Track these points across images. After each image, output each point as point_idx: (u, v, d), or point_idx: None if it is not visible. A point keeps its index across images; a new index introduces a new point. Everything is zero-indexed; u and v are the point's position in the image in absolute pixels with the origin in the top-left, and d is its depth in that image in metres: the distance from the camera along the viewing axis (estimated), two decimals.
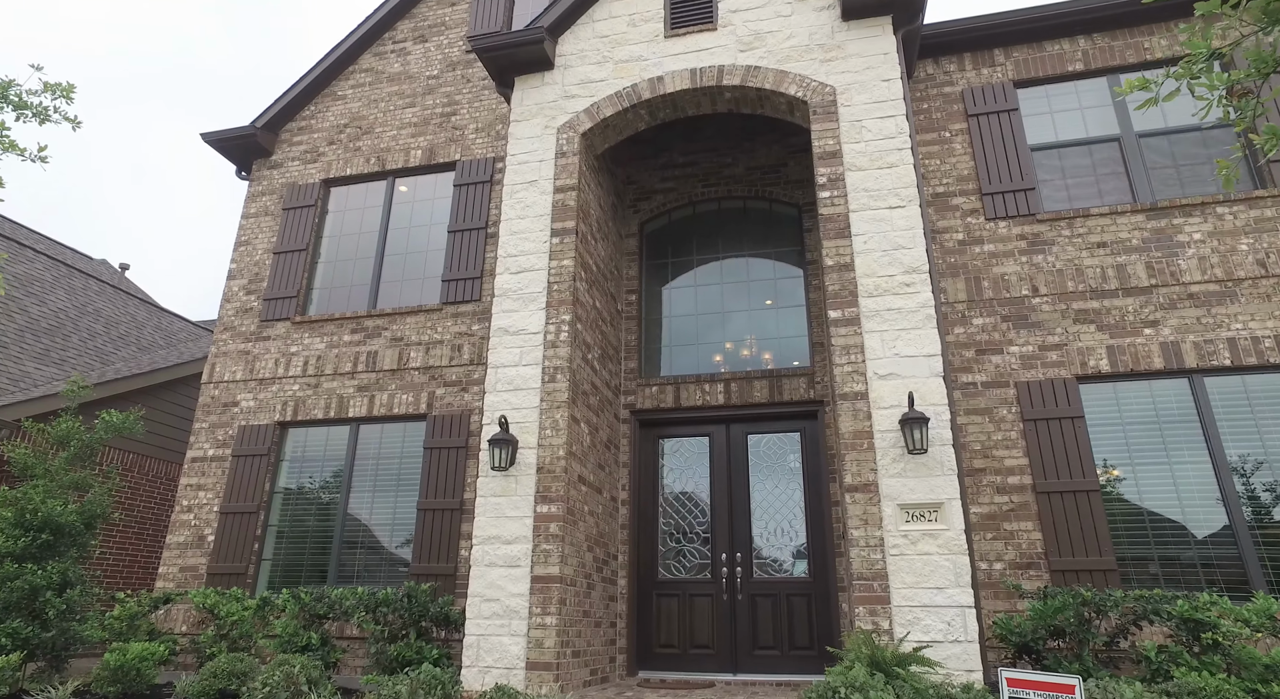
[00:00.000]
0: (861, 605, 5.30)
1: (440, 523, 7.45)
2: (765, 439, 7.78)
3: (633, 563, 7.46)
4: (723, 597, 7.28)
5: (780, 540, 7.36)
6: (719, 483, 7.67)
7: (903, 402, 5.73)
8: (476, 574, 6.01)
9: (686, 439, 7.97)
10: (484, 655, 5.77)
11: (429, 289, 8.65)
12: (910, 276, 6.09)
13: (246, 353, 8.80)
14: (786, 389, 7.64)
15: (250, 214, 9.60)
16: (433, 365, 8.11)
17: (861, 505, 5.54)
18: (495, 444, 6.15)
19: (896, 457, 5.60)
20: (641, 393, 8.00)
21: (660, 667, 7.21)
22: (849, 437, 5.74)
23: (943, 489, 5.45)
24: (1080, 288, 6.78)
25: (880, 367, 5.88)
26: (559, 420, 6.34)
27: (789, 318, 8.12)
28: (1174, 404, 6.37)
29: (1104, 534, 6.07)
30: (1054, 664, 5.02)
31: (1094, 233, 6.94)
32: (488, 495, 6.25)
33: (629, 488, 7.68)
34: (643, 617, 7.40)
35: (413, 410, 7.97)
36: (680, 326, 8.39)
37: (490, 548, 6.07)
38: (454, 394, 7.94)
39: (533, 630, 5.76)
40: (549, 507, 6.09)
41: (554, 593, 5.82)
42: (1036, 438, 6.45)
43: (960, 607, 5.15)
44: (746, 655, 7.07)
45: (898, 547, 5.38)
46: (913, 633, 5.14)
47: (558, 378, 6.49)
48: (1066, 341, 6.67)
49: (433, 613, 6.12)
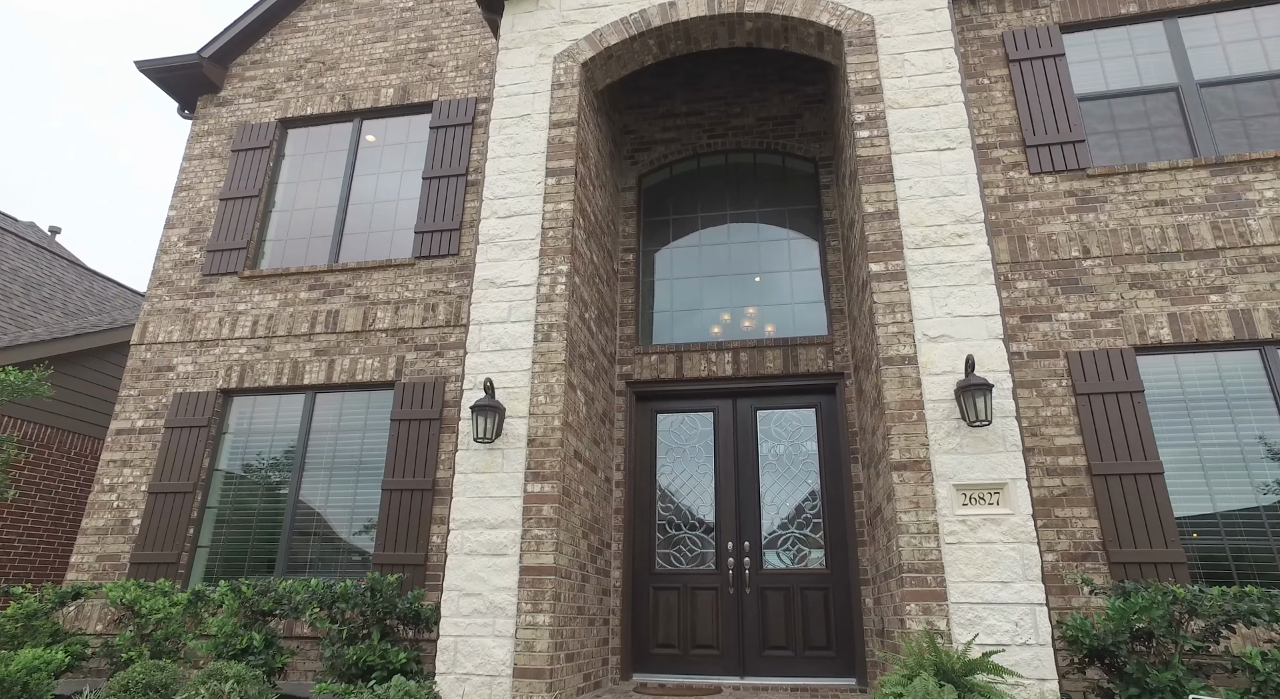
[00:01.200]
0: (913, 602, 4.52)
1: (409, 506, 6.50)
2: (777, 415, 6.97)
3: (628, 552, 6.60)
4: (728, 590, 6.47)
5: (793, 528, 6.56)
6: (724, 463, 6.84)
7: (957, 367, 4.96)
8: (454, 564, 5.10)
9: (689, 414, 7.12)
10: (462, 660, 4.86)
11: (400, 242, 7.64)
12: (963, 227, 5.31)
13: (185, 311, 7.69)
14: (802, 360, 6.84)
15: (194, 156, 8.45)
16: (403, 327, 7.12)
17: (911, 486, 4.75)
18: (479, 412, 5.22)
19: (951, 430, 4.83)
20: (639, 362, 7.13)
21: (658, 669, 6.37)
22: (895, 406, 4.95)
23: (1006, 468, 4.69)
24: (1137, 250, 6.08)
25: (930, 327, 5.09)
26: (554, 386, 5.44)
27: (804, 282, 7.31)
28: (1243, 379, 5.71)
29: (1169, 523, 5.38)
30: (1137, 672, 4.29)
31: (1151, 190, 6.24)
32: (469, 472, 5.33)
33: (624, 468, 6.81)
34: (638, 613, 6.55)
35: (379, 377, 6.98)
36: (682, 290, 7.52)
37: (471, 533, 5.15)
38: (427, 359, 6.98)
39: (521, 630, 4.87)
40: (542, 485, 5.19)
41: (547, 586, 4.94)
42: (1091, 414, 5.74)
43: (1029, 604, 4.40)
44: (755, 656, 6.27)
45: (954, 534, 4.60)
46: (975, 634, 4.38)
47: (553, 336, 5.58)
48: (1122, 309, 5.97)
49: (400, 609, 5.18)
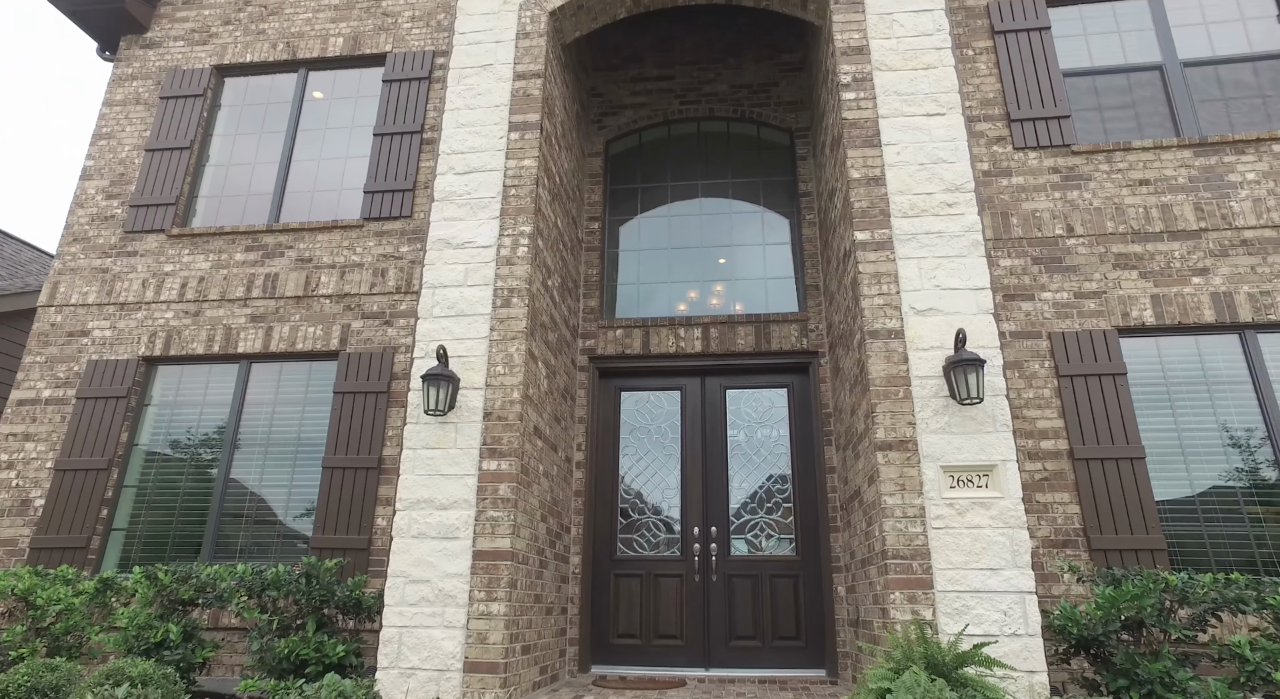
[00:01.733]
0: (897, 590, 4.24)
1: (352, 486, 5.99)
2: (747, 395, 6.65)
3: (588, 537, 6.21)
4: (694, 577, 6.14)
5: (763, 513, 6.26)
6: (691, 445, 6.50)
7: (945, 342, 4.68)
8: (400, 548, 4.64)
9: (655, 393, 6.75)
10: (407, 654, 4.41)
11: (348, 202, 7.07)
12: (952, 195, 5.04)
13: (104, 271, 7.00)
14: (775, 337, 6.52)
15: (116, 102, 7.70)
16: (349, 293, 6.57)
17: (897, 467, 4.47)
18: (431, 381, 4.76)
19: (939, 408, 4.55)
20: (603, 337, 6.72)
21: (619, 661, 6.01)
22: (881, 383, 4.65)
23: (996, 449, 4.44)
24: (1121, 229, 5.91)
25: (918, 300, 4.81)
26: (514, 355, 5.00)
27: (778, 256, 6.99)
28: (1222, 363, 5.59)
29: (1150, 509, 5.22)
30: (1126, 663, 4.09)
31: (1135, 169, 6.08)
32: (418, 448, 4.86)
33: (586, 448, 6.41)
34: (599, 602, 6.17)
35: (321, 346, 6.43)
36: (650, 262, 7.13)
37: (419, 514, 4.70)
38: (375, 328, 6.45)
39: (474, 621, 4.45)
40: (499, 463, 4.76)
41: (503, 573, 4.52)
42: (1074, 397, 5.55)
43: (1019, 592, 4.16)
44: (721, 647, 5.96)
45: (941, 518, 4.33)
46: (961, 625, 4.12)
47: (513, 302, 5.14)
48: (1106, 289, 5.79)
49: (339, 597, 4.71)
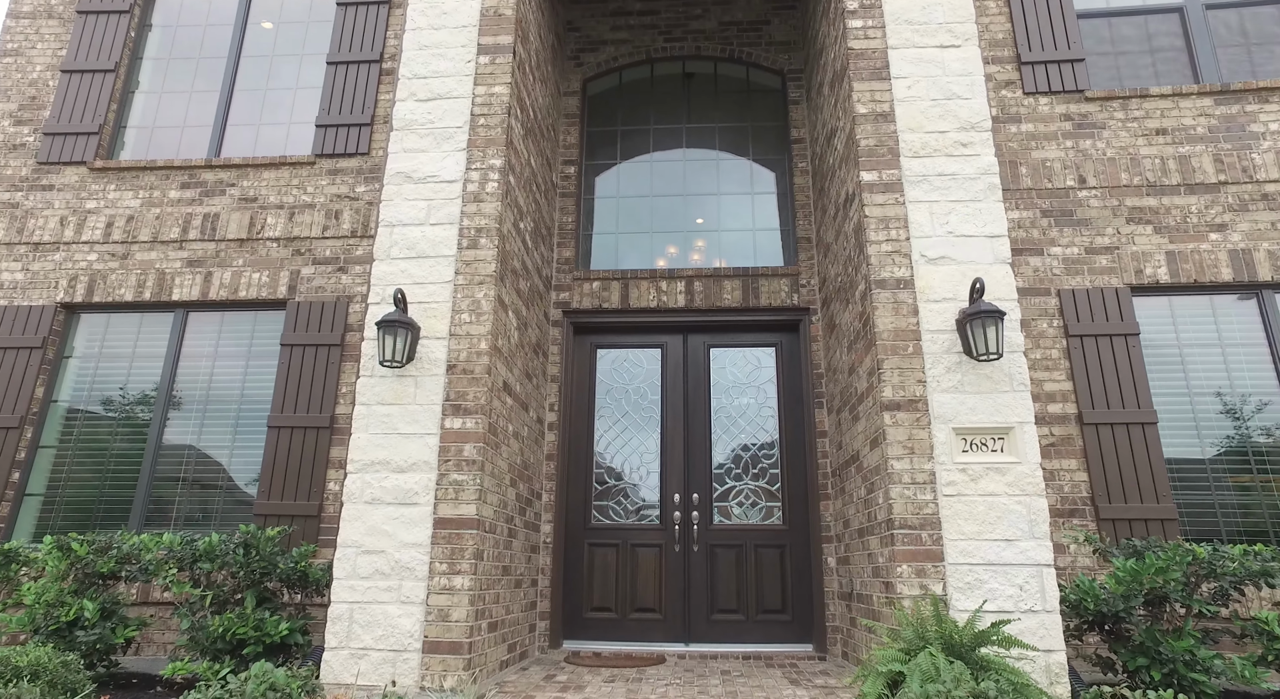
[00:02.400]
0: (904, 563, 3.86)
1: (301, 447, 5.44)
2: (733, 353, 6.21)
3: (561, 504, 5.76)
4: (674, 547, 5.74)
5: (748, 479, 5.86)
6: (672, 406, 6.05)
7: (959, 293, 4.27)
8: (352, 515, 4.13)
9: (634, 350, 6.27)
10: (359, 632, 3.93)
11: (298, 137, 6.40)
12: (967, 135, 4.59)
13: (13, 206, 6.25)
14: (764, 292, 6.07)
15: (23, 14, 6.86)
16: (299, 236, 5.95)
17: (905, 428, 4.07)
18: (387, 329, 4.22)
19: (951, 365, 4.15)
20: (578, 289, 6.20)
21: (593, 636, 5.61)
22: (888, 337, 4.23)
23: (1013, 409, 4.06)
24: (1135, 181, 5.53)
25: (929, 247, 4.38)
26: (481, 302, 4.48)
27: (767, 207, 6.52)
28: (1237, 325, 5.28)
29: (1162, 476, 4.92)
30: (1147, 640, 3.78)
31: (1152, 117, 5.69)
32: (373, 403, 4.33)
33: (559, 408, 5.93)
34: (572, 573, 5.74)
35: (268, 294, 5.81)
36: (630, 211, 6.61)
37: (374, 478, 4.19)
38: (327, 275, 5.85)
39: (435, 596, 3.98)
40: (464, 421, 4.26)
41: (467, 542, 4.05)
42: (1083, 358, 5.20)
43: (1036, 565, 3.80)
44: (702, 621, 5.59)
45: (954, 484, 3.95)
46: (973, 600, 3.77)
47: (481, 243, 4.60)
48: (1119, 244, 5.43)
49: (282, 570, 4.19)
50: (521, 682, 4.35)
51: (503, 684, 4.25)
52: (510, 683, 4.30)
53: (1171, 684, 3.74)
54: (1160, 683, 3.73)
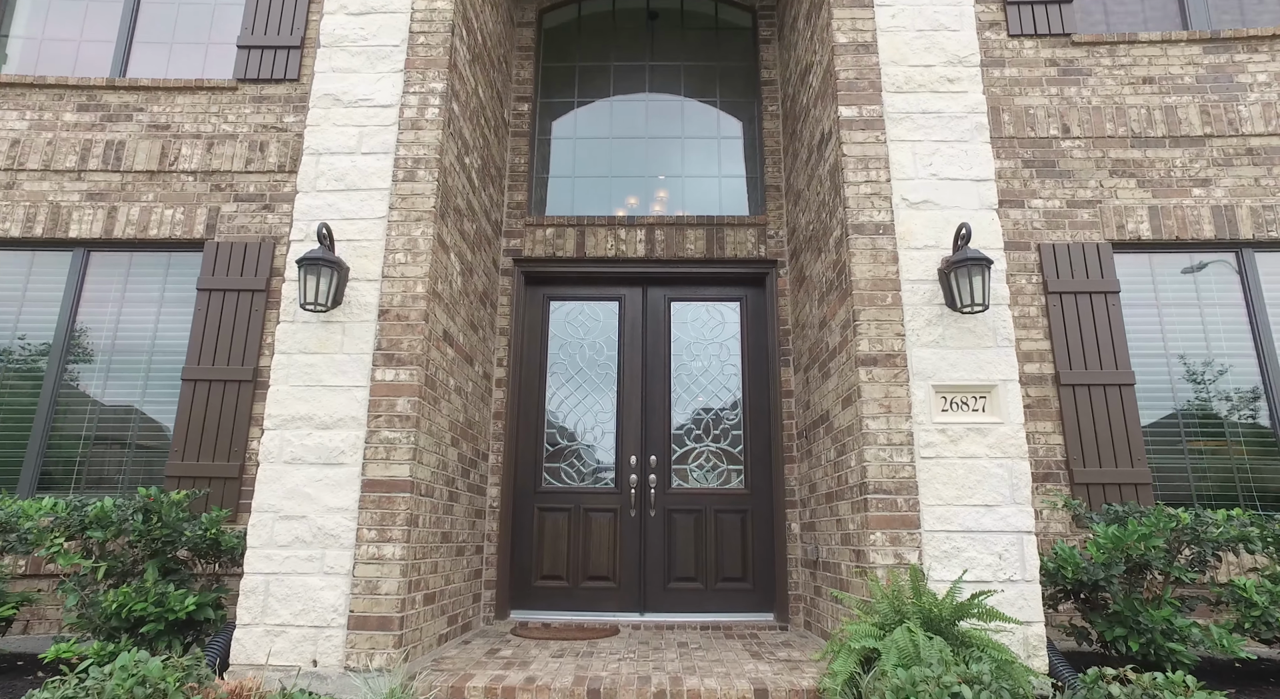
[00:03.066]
0: (879, 530, 3.57)
1: (220, 402, 4.93)
2: (695, 308, 5.84)
3: (509, 466, 5.37)
4: (630, 512, 5.41)
5: (709, 441, 5.54)
6: (630, 363, 5.68)
7: (941, 240, 3.95)
8: (269, 476, 3.68)
9: (589, 303, 5.85)
10: (276, 607, 3.51)
11: (217, 59, 5.74)
12: (955, 69, 4.23)
13: None
14: (729, 243, 5.69)
15: None
16: (218, 170, 5.34)
17: (882, 385, 3.76)
18: (310, 268, 3.73)
19: (932, 318, 3.84)
20: (530, 236, 5.74)
21: (542, 605, 5.28)
22: (866, 285, 3.90)
23: (996, 366, 3.77)
24: (1120, 132, 5.26)
25: (911, 190, 4.03)
26: (418, 241, 4.00)
27: (734, 152, 6.11)
28: (1215, 283, 5.09)
29: (1138, 440, 4.73)
30: (1126, 609, 3.58)
31: (1140, 64, 5.40)
32: (294, 352, 3.86)
33: (508, 363, 5.50)
34: (520, 539, 5.38)
35: (183, 233, 5.22)
36: (588, 153, 6.13)
37: (295, 435, 3.74)
38: (251, 214, 5.28)
39: (363, 566, 3.57)
40: (396, 372, 3.81)
41: (399, 506, 3.64)
42: (1062, 316, 4.96)
43: (1017, 532, 3.56)
44: (659, 589, 5.29)
45: (932, 446, 3.67)
46: (951, 569, 3.51)
47: (419, 176, 4.10)
48: (1101, 198, 5.17)
49: (190, 537, 3.73)
50: (461, 657, 3.99)
51: (440, 661, 3.89)
52: (449, 659, 3.93)
53: (1148, 654, 3.56)
54: (1138, 653, 3.53)
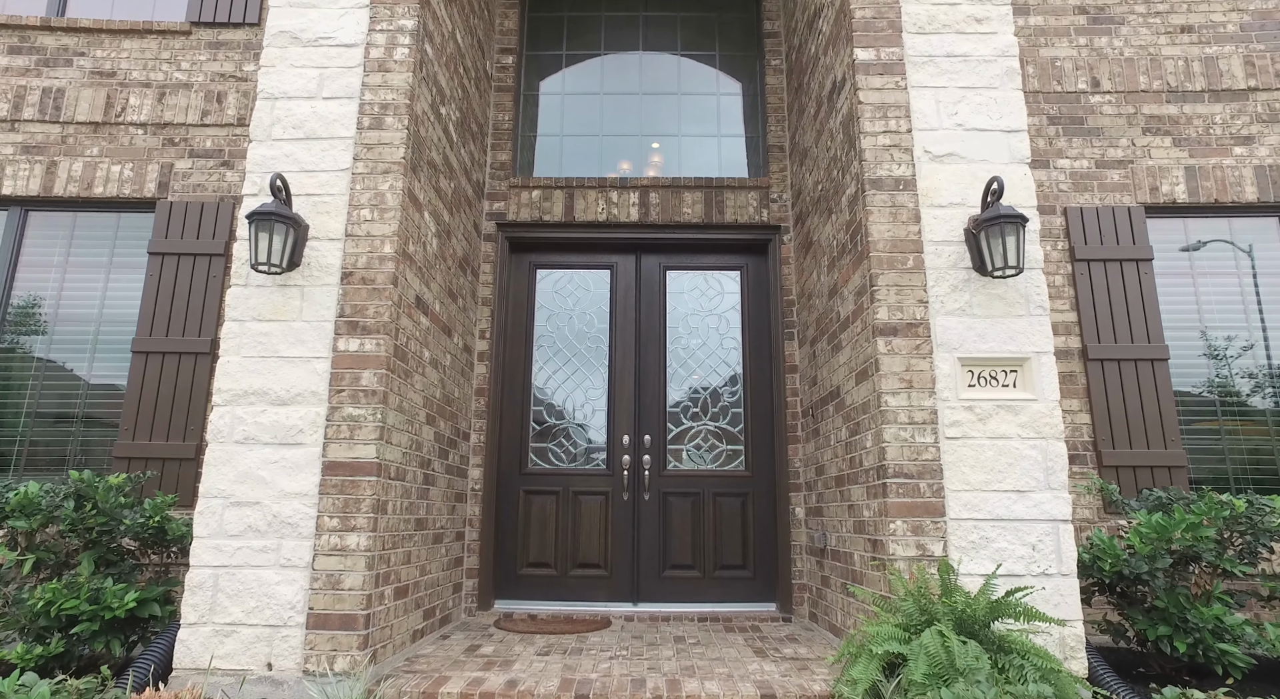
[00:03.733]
0: (899, 518, 3.21)
1: (174, 376, 4.52)
2: (692, 277, 5.44)
3: (492, 446, 4.99)
4: (622, 495, 5.04)
5: (707, 419, 5.17)
6: (623, 336, 5.28)
7: (968, 197, 3.55)
8: (219, 457, 3.29)
9: (579, 272, 5.44)
10: (226, 604, 3.14)
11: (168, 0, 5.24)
12: (982, 8, 3.81)
13: None
14: (729, 207, 5.28)
15: None
16: (171, 122, 4.88)
17: (903, 358, 3.38)
18: (262, 224, 3.30)
19: (958, 283, 3.45)
20: (515, 199, 5.31)
21: (528, 595, 4.92)
22: (885, 247, 3.50)
23: (1029, 337, 3.40)
24: (1155, 86, 4.85)
25: (935, 142, 3.63)
26: (386, 196, 3.58)
27: (735, 111, 5.67)
28: (1259, 251, 4.71)
29: (1172, 419, 4.38)
30: (1170, 606, 3.24)
31: (1177, 12, 4.98)
32: (247, 319, 3.45)
33: (491, 335, 5.10)
34: (504, 525, 5.01)
35: (132, 192, 4.77)
36: (578, 110, 5.68)
37: (247, 411, 3.34)
38: (208, 171, 4.82)
39: (324, 558, 3.19)
40: (361, 342, 3.41)
41: (365, 491, 3.25)
42: (1090, 286, 4.58)
43: (1052, 521, 3.20)
44: (653, 578, 4.94)
45: (958, 425, 3.30)
46: (980, 562, 3.15)
47: (388, 123, 3.67)
48: (1133, 158, 4.77)
49: (130, 526, 3.34)
50: (438, 656, 3.63)
51: (413, 661, 3.53)
52: (424, 658, 3.57)
53: (1195, 655, 3.22)
54: (1185, 654, 3.20)
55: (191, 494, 4.35)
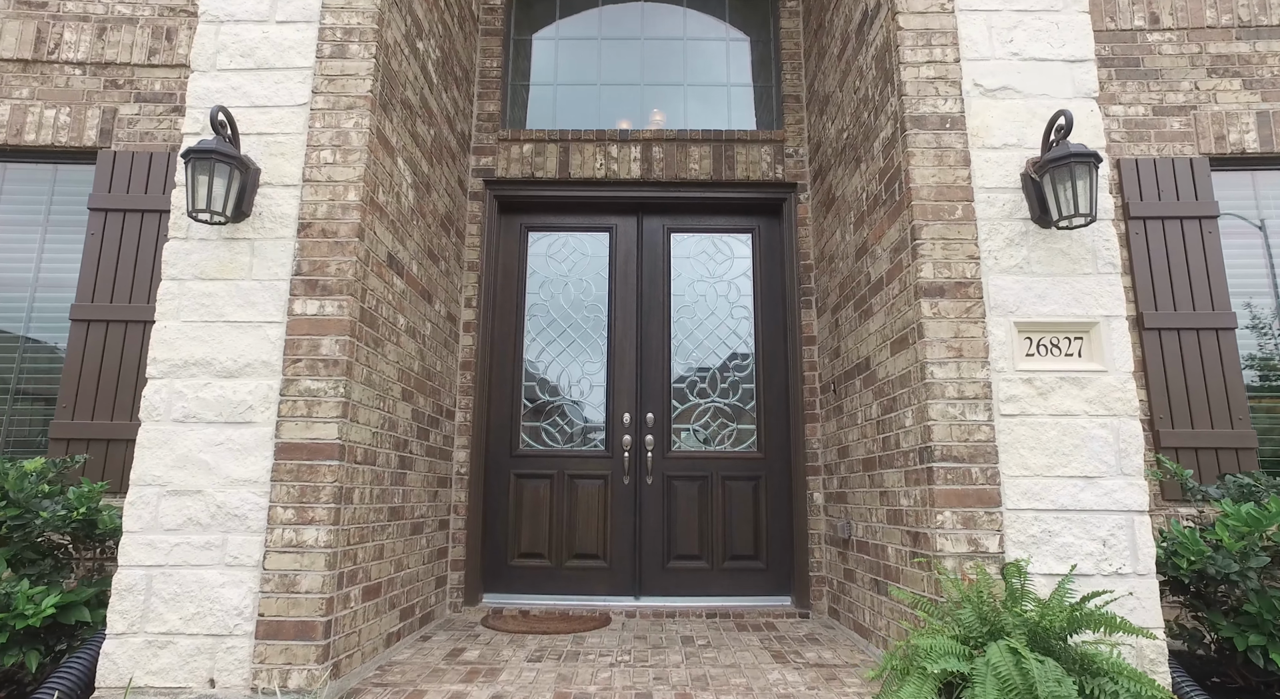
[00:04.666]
0: (948, 508, 2.75)
1: (120, 347, 4.03)
2: (699, 241, 4.94)
3: (480, 425, 4.52)
4: (622, 479, 4.58)
5: (715, 396, 4.70)
6: (623, 305, 4.80)
7: (1026, 137, 3.06)
8: (154, 439, 2.81)
9: (575, 234, 4.94)
10: (161, 610, 2.68)
11: None
12: None
13: None
14: (740, 162, 4.78)
15: None
16: (114, 62, 4.34)
17: (951, 323, 2.90)
18: (201, 163, 2.79)
19: (1014, 237, 2.97)
20: (505, 153, 4.80)
21: (520, 588, 4.48)
22: (929, 194, 3.01)
23: (1097, 298, 2.92)
24: (1224, 20, 4.34)
25: (986, 74, 3.12)
26: (350, 135, 3.07)
27: (746, 57, 5.15)
28: None
29: (1239, 395, 3.92)
30: (1265, 612, 2.80)
31: None
32: (187, 277, 2.96)
33: (478, 303, 4.61)
34: (494, 511, 4.56)
35: (69, 140, 4.24)
36: (573, 57, 5.15)
37: (188, 385, 2.85)
38: (157, 117, 4.30)
39: (277, 555, 2.73)
40: (322, 303, 2.92)
41: (325, 478, 2.78)
42: (1145, 246, 4.10)
43: (1126, 512, 2.75)
44: (656, 569, 4.50)
45: (1015, 400, 2.83)
46: (1043, 560, 2.70)
47: (352, 51, 3.15)
48: (1196, 103, 4.27)
49: (50, 518, 2.87)
50: (414, 663, 3.18)
51: (386, 670, 3.08)
52: (398, 667, 3.13)
53: None
54: None
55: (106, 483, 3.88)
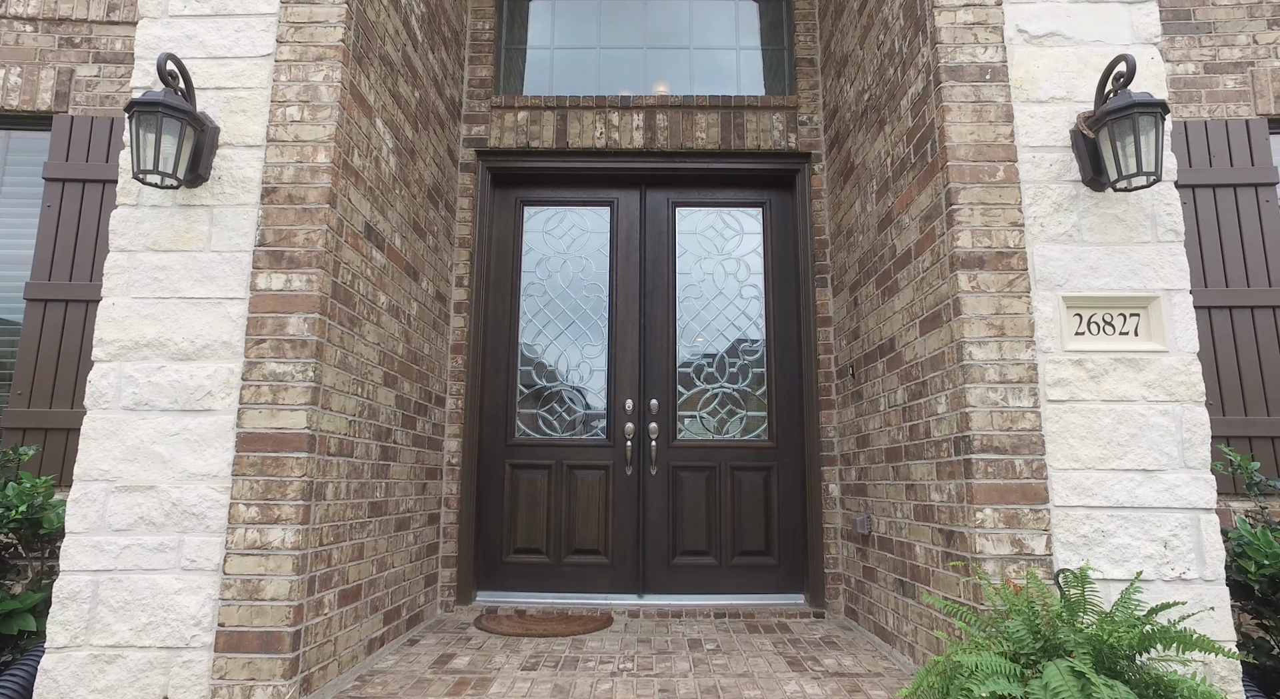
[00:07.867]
0: (989, 504, 2.45)
1: (80, 328, 3.73)
2: (706, 215, 4.62)
3: (472, 412, 4.22)
4: (625, 470, 4.29)
5: (724, 381, 4.40)
6: (625, 283, 4.48)
7: (1075, 90, 2.73)
8: (100, 429, 2.52)
9: (574, 208, 4.62)
10: (108, 620, 2.39)
11: None
12: None
13: None
14: (750, 131, 4.44)
15: None
16: (69, 18, 4.01)
17: (991, 298, 2.58)
18: (147, 118, 2.47)
19: (1062, 200, 2.65)
20: (498, 121, 4.47)
21: (516, 586, 4.20)
22: (966, 154, 2.69)
23: (1156, 270, 2.60)
24: None
25: (1031, 18, 2.79)
26: (320, 89, 2.75)
27: (755, 17, 4.80)
28: None
29: None
30: None
31: None
32: (139, 248, 2.65)
33: (470, 282, 4.30)
34: (488, 504, 4.27)
35: (21, 104, 3.92)
36: (571, 18, 4.80)
37: (139, 369, 2.55)
38: (119, 80, 3.97)
39: (239, 558, 2.44)
40: (289, 277, 2.61)
41: (293, 471, 2.49)
42: (1195, 217, 3.78)
43: (1191, 509, 2.45)
44: (661, 566, 4.21)
45: (1064, 384, 2.52)
46: (1093, 563, 2.40)
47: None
48: (1254, 59, 3.92)
49: None
50: (398, 672, 2.90)
51: (366, 680, 2.80)
52: (380, 676, 2.85)
53: None
54: None
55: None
